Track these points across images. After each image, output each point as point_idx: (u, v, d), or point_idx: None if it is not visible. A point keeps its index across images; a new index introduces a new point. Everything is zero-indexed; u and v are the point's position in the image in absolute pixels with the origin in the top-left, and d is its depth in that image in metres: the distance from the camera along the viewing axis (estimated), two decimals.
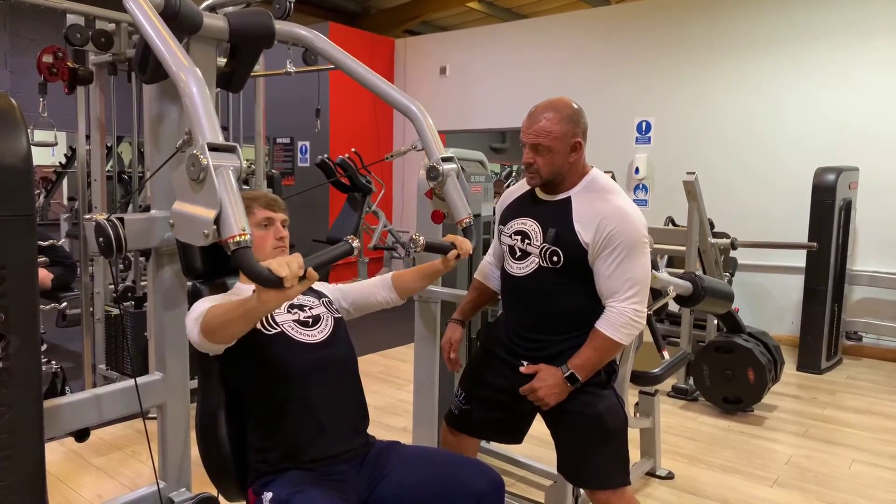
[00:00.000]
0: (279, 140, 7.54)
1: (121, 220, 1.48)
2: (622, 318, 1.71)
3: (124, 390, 1.76)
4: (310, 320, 1.67)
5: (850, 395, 4.12)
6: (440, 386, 2.53)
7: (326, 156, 5.77)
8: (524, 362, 1.84)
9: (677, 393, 3.94)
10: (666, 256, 4.75)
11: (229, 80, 1.83)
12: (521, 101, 1.86)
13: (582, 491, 2.23)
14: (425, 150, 1.88)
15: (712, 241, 4.18)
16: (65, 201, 7.02)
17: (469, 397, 1.98)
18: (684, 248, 4.00)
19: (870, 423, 3.63)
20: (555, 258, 1.75)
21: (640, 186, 6.05)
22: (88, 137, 3.35)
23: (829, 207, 4.50)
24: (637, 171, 5.98)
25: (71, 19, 2.90)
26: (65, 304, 3.53)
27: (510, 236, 1.87)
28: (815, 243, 4.41)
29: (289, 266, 1.16)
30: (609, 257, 1.70)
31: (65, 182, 6.88)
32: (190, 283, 1.80)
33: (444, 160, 1.84)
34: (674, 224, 5.11)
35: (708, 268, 4.19)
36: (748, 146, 5.50)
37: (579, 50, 6.47)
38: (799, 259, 4.86)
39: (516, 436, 2.02)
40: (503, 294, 1.98)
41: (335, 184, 5.75)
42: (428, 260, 1.95)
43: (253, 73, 3.85)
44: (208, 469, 1.66)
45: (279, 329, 1.61)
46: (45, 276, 3.53)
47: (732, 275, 5.04)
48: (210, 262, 1.76)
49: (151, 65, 1.47)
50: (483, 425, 2.00)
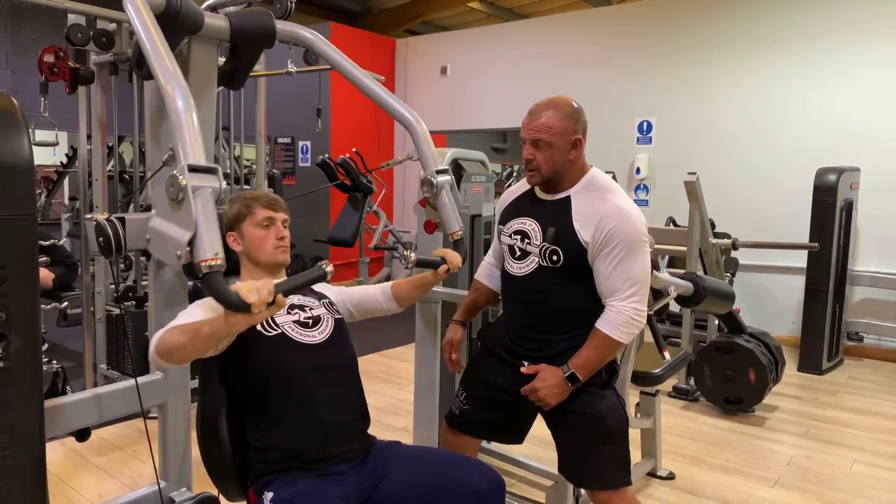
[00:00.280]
0: (280, 140, 7.54)
1: (121, 219, 1.48)
2: (622, 317, 1.71)
3: (125, 390, 1.76)
4: (310, 321, 1.67)
5: (852, 396, 4.12)
6: (441, 386, 2.53)
7: (327, 156, 5.77)
8: (525, 362, 1.84)
9: (678, 393, 3.94)
10: (667, 257, 4.75)
11: (230, 78, 1.83)
12: (523, 101, 1.86)
13: (583, 491, 2.23)
14: (421, 160, 1.91)
15: (713, 241, 4.17)
16: (66, 201, 7.02)
17: (470, 397, 1.98)
18: (685, 249, 4.00)
19: (871, 424, 3.62)
20: (554, 257, 1.75)
21: (641, 186, 6.04)
22: (90, 137, 3.35)
23: (830, 208, 4.49)
24: (638, 171, 5.98)
25: (72, 19, 2.90)
26: (66, 303, 3.54)
27: (510, 236, 1.87)
28: (816, 244, 4.40)
29: (258, 292, 1.19)
30: (609, 256, 1.70)
31: (66, 182, 6.88)
32: (191, 283, 1.80)
33: (439, 172, 1.87)
34: (675, 224, 5.11)
35: (709, 268, 4.19)
36: (749, 146, 5.49)
37: (580, 50, 6.47)
38: (800, 259, 4.86)
39: (517, 436, 2.02)
40: (503, 294, 1.97)
41: (336, 184, 5.75)
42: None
43: (254, 73, 3.86)
44: (209, 469, 1.66)
45: (279, 330, 1.61)
46: (46, 275, 3.53)
47: (733, 275, 5.04)
48: None
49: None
50: (484, 425, 2.00)
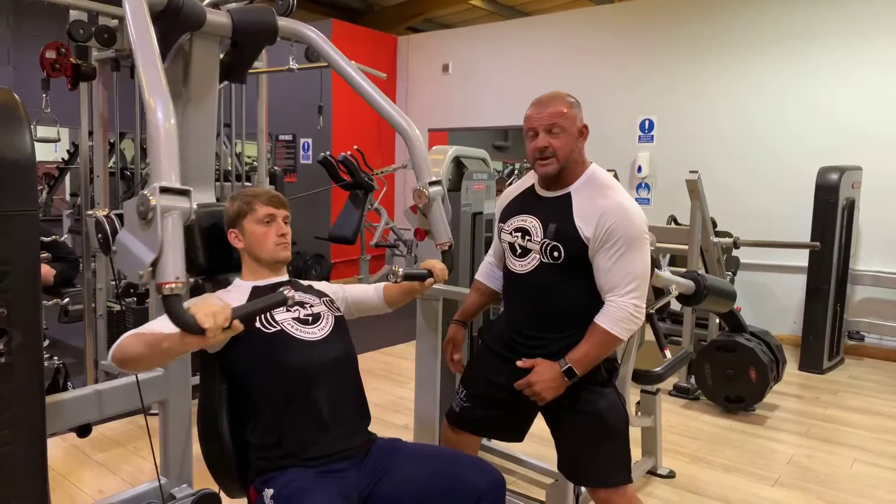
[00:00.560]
0: (281, 137, 7.54)
1: (120, 216, 1.48)
2: (622, 313, 1.70)
3: (126, 386, 1.77)
4: (310, 318, 1.67)
5: (852, 395, 4.12)
6: (441, 383, 2.53)
7: (329, 153, 5.77)
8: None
9: (679, 392, 3.94)
10: (668, 255, 4.75)
11: (230, 72, 1.83)
12: (524, 99, 1.86)
13: (583, 489, 2.23)
14: (415, 170, 1.95)
15: (715, 239, 4.17)
16: (67, 197, 7.01)
17: (470, 395, 1.97)
18: (687, 247, 4.00)
19: (872, 423, 3.62)
20: (555, 253, 1.75)
21: (643, 185, 6.04)
22: (91, 133, 3.35)
23: (832, 207, 4.48)
24: (640, 169, 5.97)
25: (74, 15, 2.90)
26: (67, 299, 3.53)
27: (510, 233, 1.86)
28: (817, 243, 4.40)
29: (214, 318, 1.21)
30: (609, 251, 1.69)
31: (67, 178, 6.88)
32: (192, 280, 1.80)
33: (432, 184, 1.92)
34: (676, 223, 5.10)
35: (710, 267, 4.19)
36: (751, 145, 5.49)
37: (582, 48, 6.46)
38: (801, 258, 4.85)
39: (517, 434, 2.01)
40: (505, 291, 1.97)
41: (337, 181, 5.74)
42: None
43: (256, 70, 3.85)
44: (210, 465, 1.66)
45: (279, 327, 1.61)
46: (47, 271, 3.53)
47: (734, 274, 5.04)
48: (212, 259, 1.76)
49: None
50: (484, 423, 2.00)
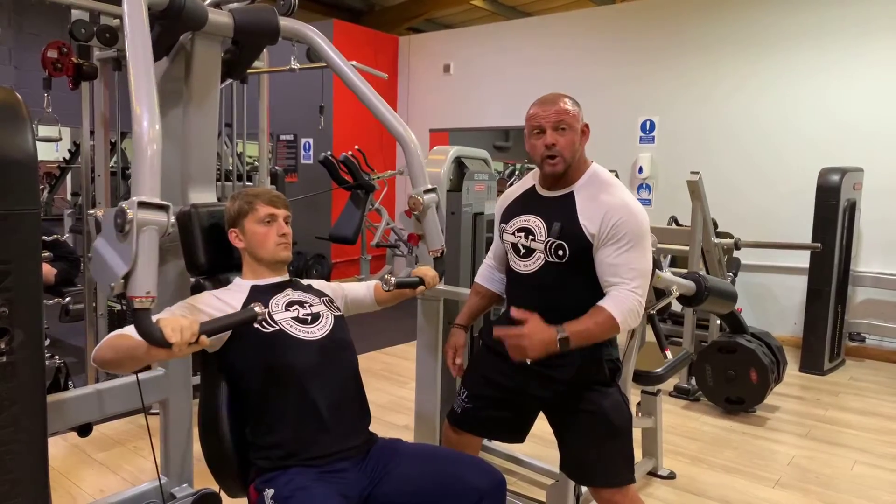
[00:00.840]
0: (282, 137, 7.54)
1: None
2: (628, 304, 1.68)
3: (127, 386, 1.77)
4: (309, 317, 1.67)
5: (853, 397, 4.12)
6: (442, 384, 2.53)
7: (330, 153, 5.77)
8: (527, 360, 1.83)
9: (679, 393, 3.93)
10: (669, 256, 4.75)
11: (230, 70, 1.83)
12: (525, 100, 1.86)
13: (583, 489, 2.22)
14: (410, 178, 2.01)
15: (716, 240, 4.17)
16: (68, 197, 7.01)
17: (472, 395, 1.97)
18: (688, 248, 4.00)
19: (872, 425, 3.62)
20: (560, 252, 1.74)
21: (644, 186, 6.03)
22: (92, 133, 3.35)
23: (833, 208, 4.48)
24: (641, 170, 5.97)
25: (76, 15, 2.90)
26: (68, 298, 3.53)
27: (513, 234, 1.86)
28: (818, 244, 4.39)
29: (181, 333, 1.24)
30: (615, 245, 1.69)
31: (69, 177, 6.88)
32: (193, 279, 1.80)
33: (427, 192, 1.99)
34: (677, 224, 5.10)
35: (711, 268, 4.18)
36: (752, 146, 5.48)
37: (583, 48, 6.46)
38: (802, 260, 4.85)
39: (518, 435, 2.01)
40: (508, 292, 1.97)
41: (338, 181, 5.75)
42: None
43: (257, 70, 3.86)
44: (210, 465, 1.66)
45: (277, 327, 1.61)
46: (48, 271, 3.53)
47: (735, 275, 5.04)
48: (213, 258, 1.76)
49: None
50: (485, 424, 2.00)
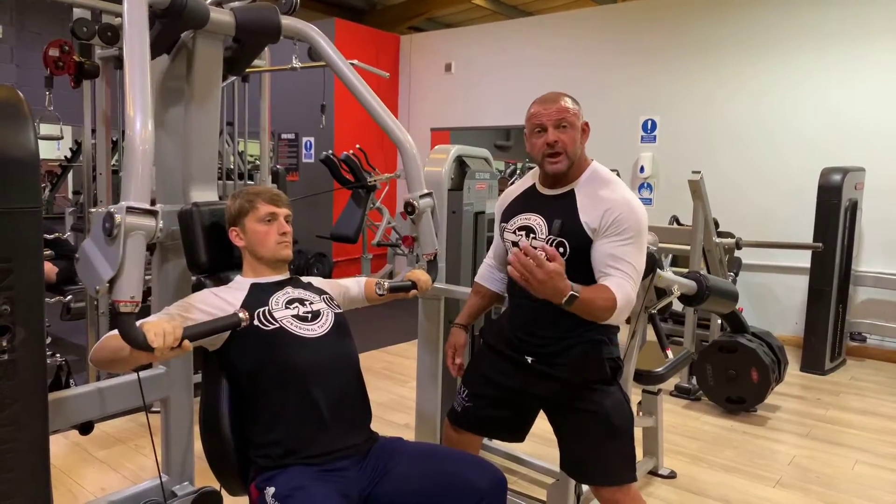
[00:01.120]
0: (284, 136, 7.54)
1: None
2: (628, 296, 1.66)
3: (128, 384, 1.77)
4: (309, 315, 1.67)
5: (854, 396, 4.11)
6: (443, 383, 2.54)
7: (331, 152, 5.77)
8: (528, 358, 1.84)
9: (680, 392, 3.93)
10: (670, 255, 4.74)
11: (230, 67, 1.83)
12: (526, 99, 1.86)
13: (584, 488, 2.22)
14: (407, 181, 2.05)
15: (717, 240, 4.16)
16: (70, 195, 7.02)
17: (472, 394, 1.97)
18: (689, 248, 3.99)
19: (873, 425, 3.62)
20: (561, 249, 1.74)
21: (645, 185, 6.03)
22: (94, 131, 3.35)
23: (834, 208, 4.48)
24: (642, 169, 5.97)
25: (77, 13, 2.91)
26: (69, 297, 3.53)
27: (514, 232, 1.86)
28: (820, 244, 4.39)
29: (164, 337, 1.25)
30: (616, 238, 1.68)
31: (70, 176, 6.88)
32: (194, 278, 1.80)
33: (423, 196, 2.03)
34: (678, 223, 5.10)
35: (712, 267, 4.18)
36: (753, 145, 5.48)
37: (585, 48, 6.45)
38: (804, 259, 4.85)
39: (519, 434, 2.01)
40: (510, 291, 1.97)
41: (339, 180, 5.75)
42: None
43: (258, 69, 3.86)
44: (211, 463, 1.66)
45: (277, 325, 1.61)
46: (50, 269, 3.53)
47: (737, 274, 5.04)
48: (214, 257, 1.76)
49: (150, 39, 1.47)
50: (486, 423, 2.00)
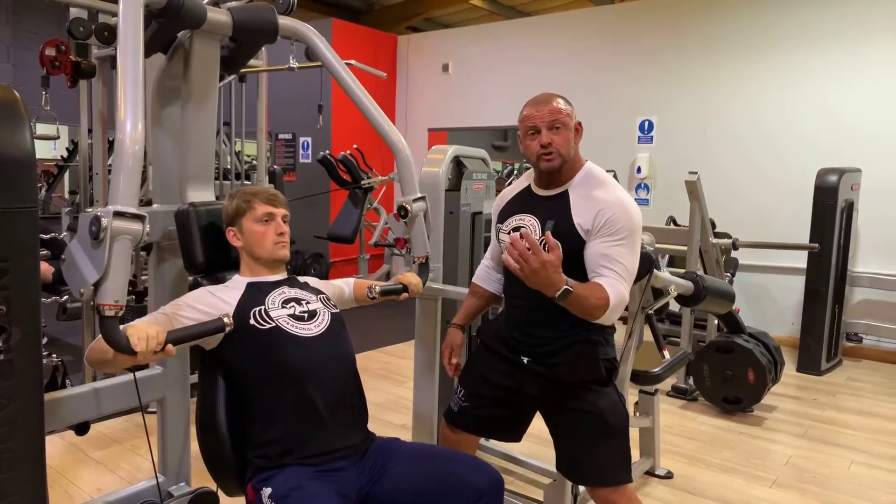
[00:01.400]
0: (281, 136, 7.54)
1: None
2: (620, 296, 1.66)
3: (124, 384, 1.77)
4: (305, 314, 1.67)
5: (850, 397, 4.12)
6: (440, 383, 2.54)
7: (328, 152, 5.76)
8: (524, 358, 1.84)
9: (677, 392, 3.94)
10: (667, 256, 4.75)
11: (226, 65, 1.83)
12: (524, 99, 1.87)
13: (581, 489, 2.23)
14: (401, 185, 2.06)
15: (713, 241, 4.17)
16: (66, 195, 7.00)
17: (469, 394, 1.97)
18: (685, 248, 4.00)
19: (869, 425, 3.63)
20: None
21: (642, 185, 6.04)
22: (90, 131, 3.35)
23: (830, 209, 4.48)
24: (639, 170, 5.97)
25: (74, 13, 2.90)
26: (66, 297, 3.52)
27: (508, 233, 1.87)
28: (816, 244, 4.40)
29: (147, 342, 1.27)
30: (609, 238, 1.68)
31: (66, 176, 6.87)
32: (191, 278, 1.80)
33: (416, 200, 2.04)
34: (675, 224, 5.10)
35: (709, 268, 4.19)
36: (750, 146, 5.49)
37: (582, 48, 6.46)
38: (800, 260, 4.86)
39: (515, 434, 2.02)
40: (506, 291, 1.97)
41: (336, 180, 5.74)
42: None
43: (255, 69, 3.85)
44: (208, 464, 1.66)
45: (273, 324, 1.61)
46: (46, 269, 3.52)
47: (733, 275, 5.04)
48: (211, 257, 1.76)
49: (146, 37, 1.46)
50: (482, 423, 2.00)
